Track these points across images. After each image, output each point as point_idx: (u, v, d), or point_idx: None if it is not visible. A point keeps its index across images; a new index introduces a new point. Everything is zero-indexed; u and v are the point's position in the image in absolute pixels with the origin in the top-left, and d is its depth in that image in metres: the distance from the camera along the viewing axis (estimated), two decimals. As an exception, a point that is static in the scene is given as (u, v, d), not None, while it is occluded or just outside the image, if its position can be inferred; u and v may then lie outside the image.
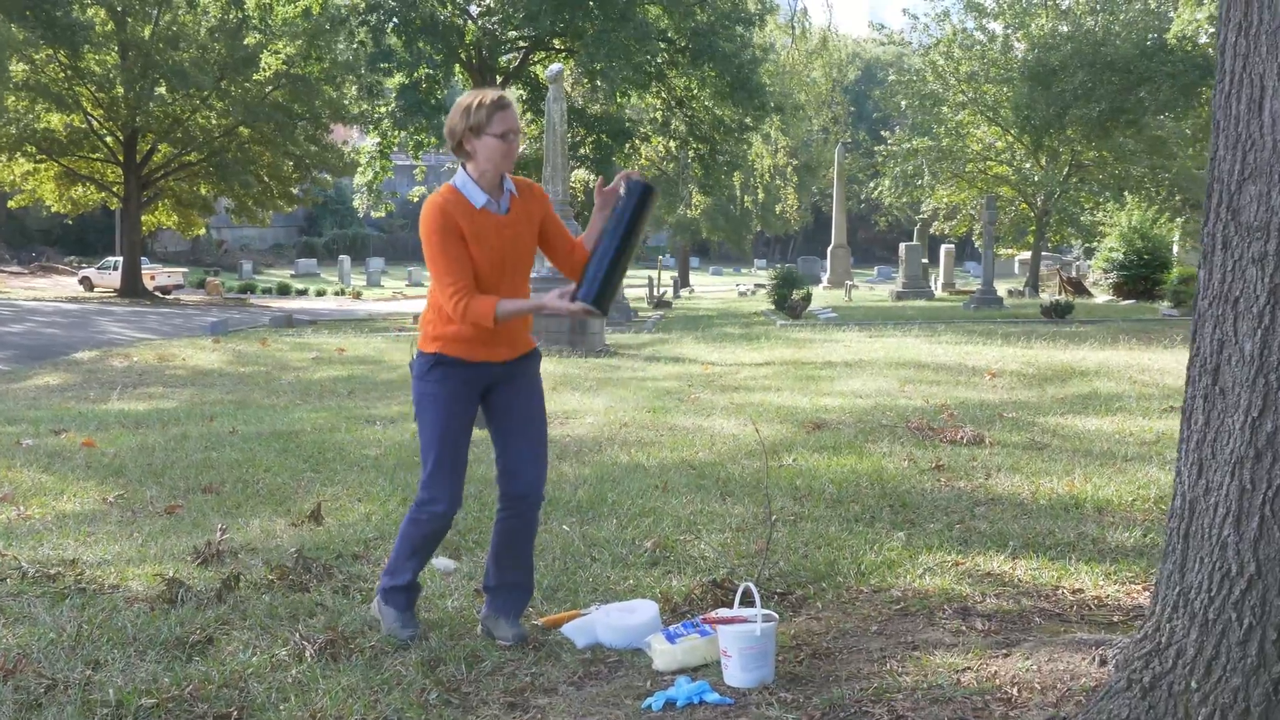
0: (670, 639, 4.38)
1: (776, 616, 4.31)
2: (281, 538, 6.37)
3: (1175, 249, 32.47)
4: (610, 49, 26.72)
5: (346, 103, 38.38)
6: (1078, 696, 3.81)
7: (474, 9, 30.27)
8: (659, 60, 29.39)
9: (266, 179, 41.93)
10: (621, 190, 4.43)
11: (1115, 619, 4.80)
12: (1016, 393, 11.80)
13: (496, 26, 29.09)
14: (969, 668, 4.15)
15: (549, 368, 14.89)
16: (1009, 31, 38.17)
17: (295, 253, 70.64)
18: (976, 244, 51.25)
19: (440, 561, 5.75)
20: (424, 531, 4.59)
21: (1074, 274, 43.34)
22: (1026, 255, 46.96)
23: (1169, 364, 14.19)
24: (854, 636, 4.60)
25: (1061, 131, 28.61)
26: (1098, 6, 35.51)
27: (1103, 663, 3.96)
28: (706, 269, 78.56)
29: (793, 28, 42.27)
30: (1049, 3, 37.13)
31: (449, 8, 28.77)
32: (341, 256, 60.30)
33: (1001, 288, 31.58)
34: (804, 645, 4.49)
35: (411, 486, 7.57)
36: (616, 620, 4.61)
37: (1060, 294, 35.51)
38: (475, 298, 4.30)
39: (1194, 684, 3.40)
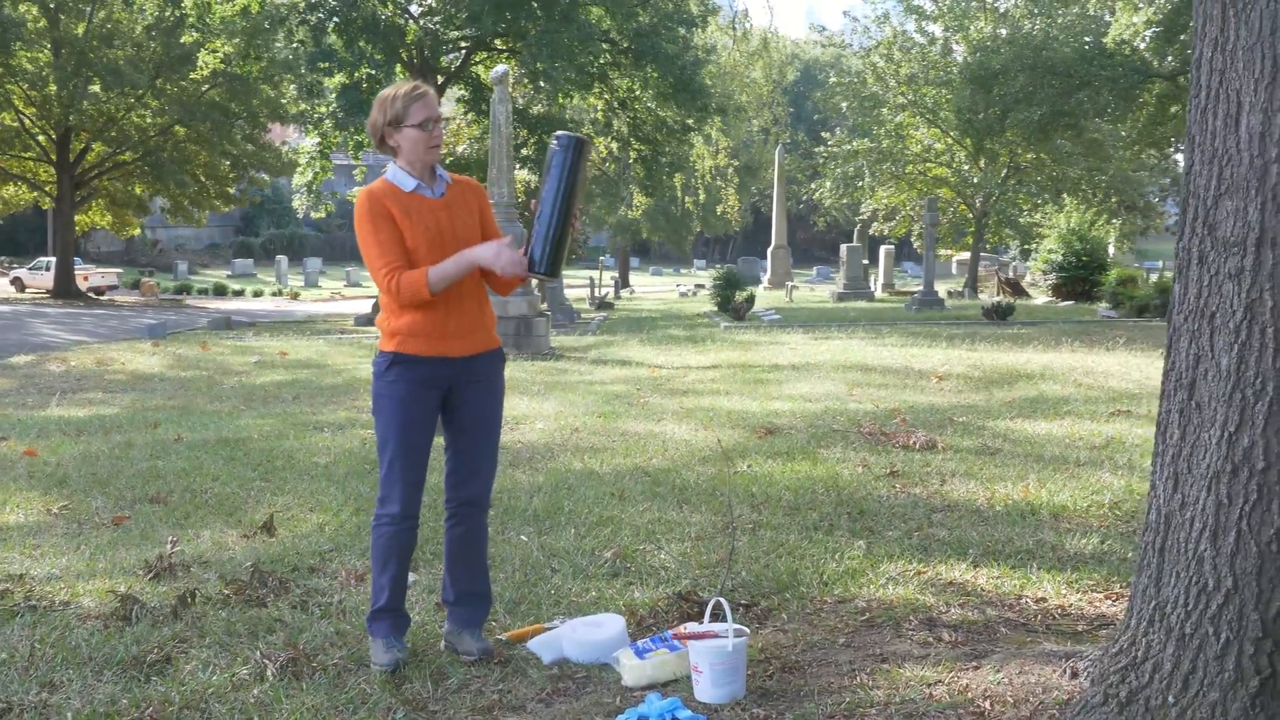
0: (639, 654, 4.34)
1: (748, 631, 4.28)
2: (234, 550, 6.26)
3: (1111, 250, 32.83)
4: (553, 50, 26.62)
5: (285, 102, 38.00)
6: (1051, 710, 3.80)
7: (415, 9, 30.05)
8: (601, 61, 29.31)
9: (203, 178, 41.45)
10: (552, 146, 4.30)
11: (1080, 628, 4.81)
12: (964, 396, 11.86)
13: (438, 26, 28.87)
14: (940, 681, 4.14)
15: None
16: (948, 34, 38.45)
17: (231, 253, 69.92)
18: (915, 245, 51.69)
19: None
20: (386, 537, 4.50)
21: (1011, 275, 43.76)
22: (964, 256, 47.42)
23: (1112, 366, 14.32)
24: (822, 649, 4.57)
25: (1003, 134, 28.84)
26: (1036, 10, 35.84)
27: (1074, 675, 3.96)
28: (646, 269, 78.60)
29: (734, 29, 42.37)
30: (987, 6, 37.43)
31: (390, 7, 28.55)
32: (279, 257, 59.75)
33: (941, 289, 31.80)
34: (773, 659, 4.46)
35: (364, 496, 7.49)
36: (583, 635, 4.56)
37: (998, 295, 35.85)
38: (406, 271, 4.26)
39: (1171, 699, 3.40)
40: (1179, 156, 46.89)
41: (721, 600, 4.28)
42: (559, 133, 4.33)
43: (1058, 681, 3.97)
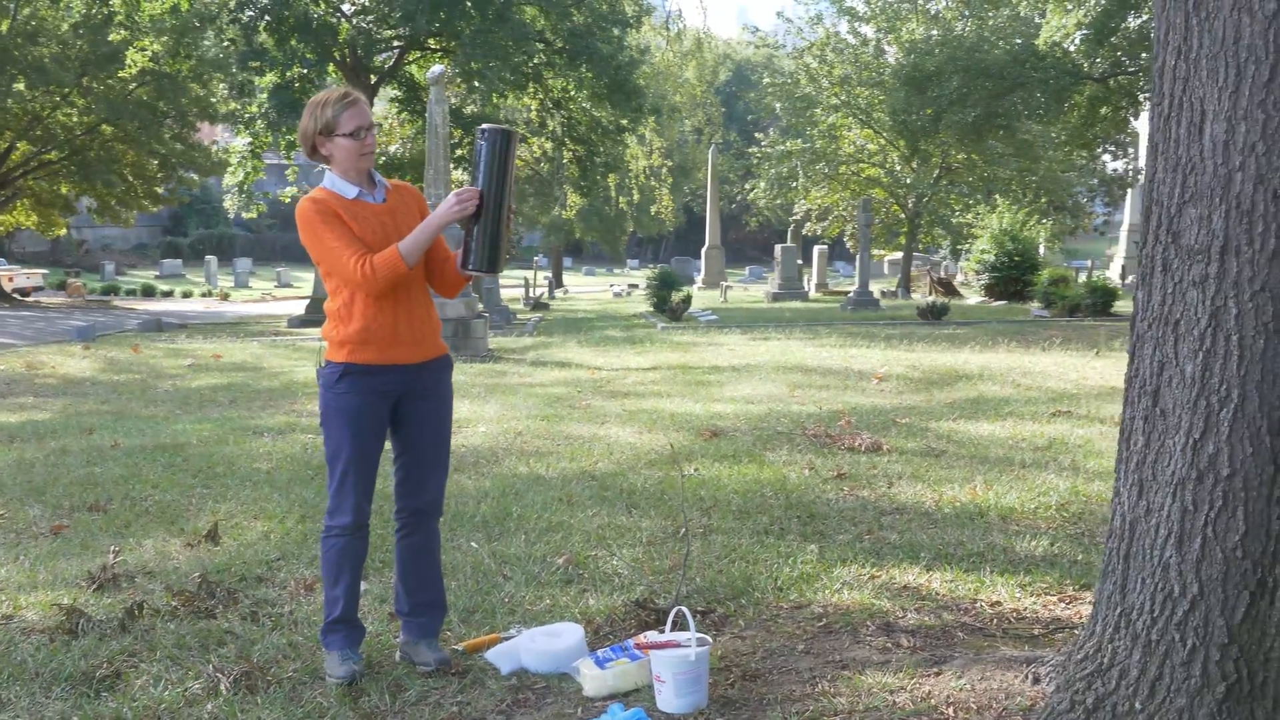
0: (600, 664, 4.30)
1: (710, 640, 4.25)
2: (178, 559, 6.15)
3: (1041, 250, 33.18)
4: (488, 49, 26.48)
5: (215, 101, 37.53)
6: (1015, 716, 3.81)
7: (348, 8, 29.76)
8: (536, 61, 29.20)
9: (130, 178, 40.84)
10: (478, 142, 4.23)
11: (1036, 632, 4.83)
12: (905, 397, 11.92)
13: (371, 25, 28.62)
14: (902, 688, 4.13)
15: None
16: (880, 36, 38.71)
17: (159, 253, 68.86)
18: (849, 245, 51.97)
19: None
20: (338, 549, 4.44)
21: (943, 274, 44.11)
22: (896, 256, 47.74)
23: (1048, 367, 14.45)
24: (782, 656, 4.56)
25: (937, 136, 29.10)
26: (967, 13, 36.19)
27: (1036, 680, 3.97)
28: (580, 269, 78.41)
29: (667, 29, 42.42)
30: (919, 8, 37.73)
31: (322, 6, 28.25)
32: (208, 257, 58.94)
33: (874, 288, 31.98)
34: (733, 666, 4.44)
35: (308, 503, 7.39)
36: (541, 645, 4.51)
37: (930, 294, 36.14)
38: (375, 255, 4.20)
39: (1138, 705, 3.42)
40: (1107, 157, 47.59)
41: (684, 609, 4.25)
42: (483, 126, 4.27)
43: (1020, 687, 3.98)
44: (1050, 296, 25.27)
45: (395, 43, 30.15)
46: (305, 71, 28.13)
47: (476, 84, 27.08)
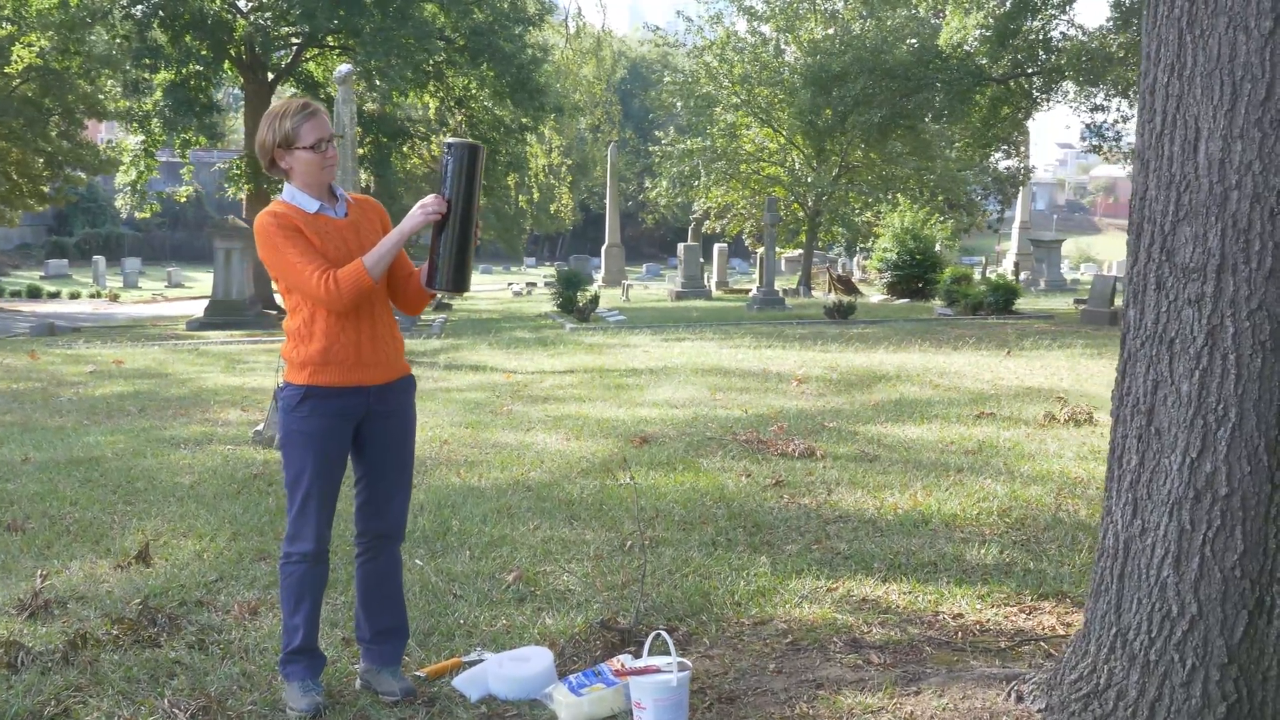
0: (574, 690, 4.19)
1: (690, 665, 4.17)
2: (110, 582, 5.92)
3: (938, 247, 33.51)
4: (389, 47, 26.13)
5: (103, 98, 36.59)
6: (1003, 736, 3.78)
7: (244, 4, 29.18)
8: (437, 59, 28.88)
9: (15, 176, 39.65)
10: (444, 156, 4.11)
11: (1003, 645, 4.82)
12: (828, 400, 11.94)
13: (269, 22, 28.10)
14: (883, 708, 4.08)
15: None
16: (779, 35, 38.91)
17: (44, 253, 67.10)
18: (747, 243, 52.23)
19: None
20: (298, 576, 4.27)
21: (840, 271, 44.52)
22: (792, 254, 48.00)
23: (962, 367, 14.60)
24: (754, 676, 4.49)
25: (843, 136, 29.34)
26: (865, 13, 36.51)
27: (1019, 698, 3.94)
28: (477, 268, 77.95)
29: (566, 27, 42.25)
30: (817, 7, 37.99)
31: (218, 2, 27.66)
32: (96, 257, 57.50)
33: (777, 286, 32.10)
34: (707, 689, 4.36)
35: (238, 519, 7.18)
36: (510, 670, 4.39)
37: (829, 291, 36.44)
38: (338, 269, 4.05)
39: (1137, 726, 3.39)
40: (998, 155, 48.30)
41: (664, 633, 4.16)
42: (449, 139, 4.17)
43: (1004, 706, 3.95)
44: (953, 294, 25.59)
45: (293, 40, 29.62)
46: (201, 69, 27.51)
47: (378, 82, 26.70)
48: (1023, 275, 38.60)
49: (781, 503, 7.37)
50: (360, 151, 28.45)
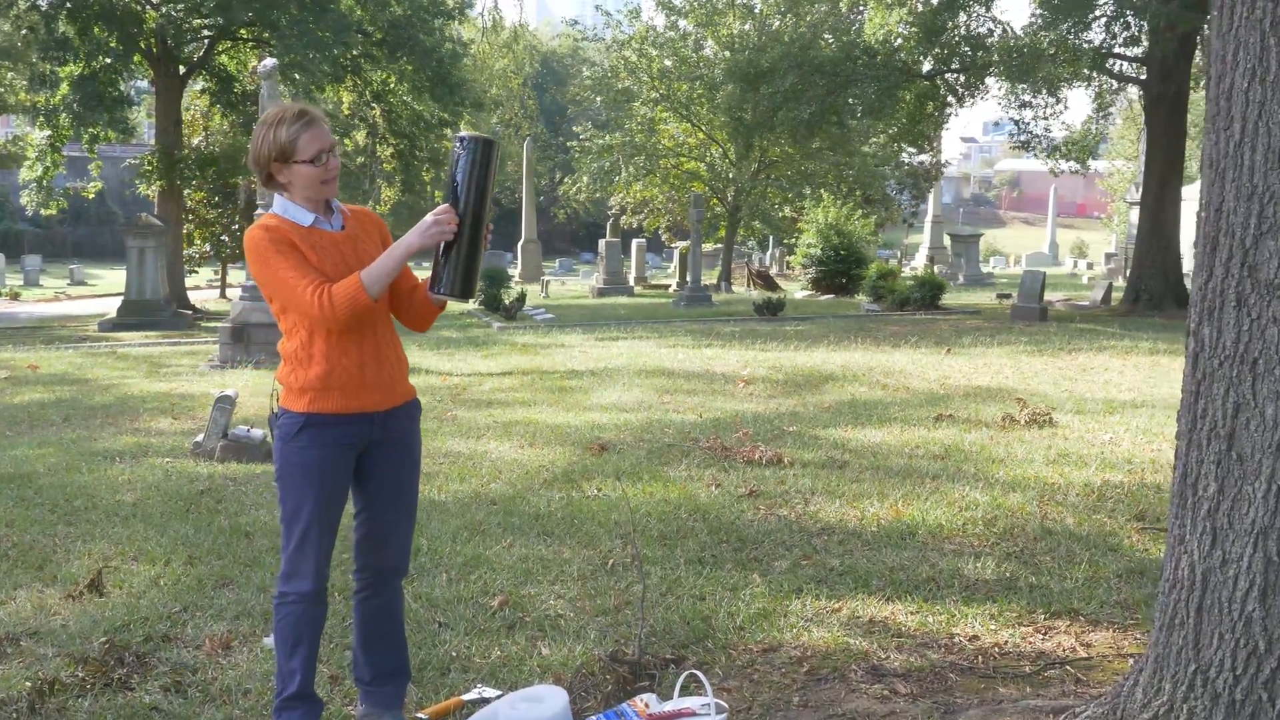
0: (597, 734, 3.93)
1: (727, 708, 3.92)
2: (63, 615, 5.54)
3: (865, 243, 33.55)
4: (306, 41, 25.53)
5: (2, 91, 35.47)
6: (1062, 777, 3.58)
7: (155, -5, 28.36)
8: (355, 53, 28.32)
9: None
10: (455, 150, 3.78)
11: (1027, 669, 4.64)
12: (778, 402, 11.75)
13: (181, 14, 27.33)
14: (925, 746, 3.87)
15: (269, 382, 13.95)
16: (698, 30, 38.76)
17: (-63, 251, 65.08)
18: (664, 238, 52.10)
19: (273, 639, 5.07)
20: (295, 617, 3.96)
21: (758, 266, 44.51)
22: (709, 249, 47.91)
23: (905, 365, 14.51)
24: (780, 711, 4.26)
25: (772, 132, 29.23)
26: (784, 8, 36.47)
27: (1072, 734, 3.75)
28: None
29: (482, 20, 41.72)
30: (736, 3, 37.86)
31: (127, -8, 26.86)
32: (-7, 255, 55.88)
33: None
34: (734, 727, 4.12)
35: (191, 540, 6.82)
36: (523, 712, 4.11)
37: (749, 286, 36.36)
38: (334, 285, 3.71)
39: (1223, 770, 3.20)
40: (913, 150, 48.59)
41: (698, 674, 3.91)
42: (461, 134, 3.82)
43: (1058, 743, 3.75)
44: (879, 290, 25.60)
45: (206, 33, 28.89)
46: (111, 62, 26.68)
47: (296, 76, 26.09)
48: (940, 269, 38.79)
49: (759, 514, 7.15)
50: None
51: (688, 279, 28.55)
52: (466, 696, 4.46)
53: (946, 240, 46.45)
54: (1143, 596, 5.48)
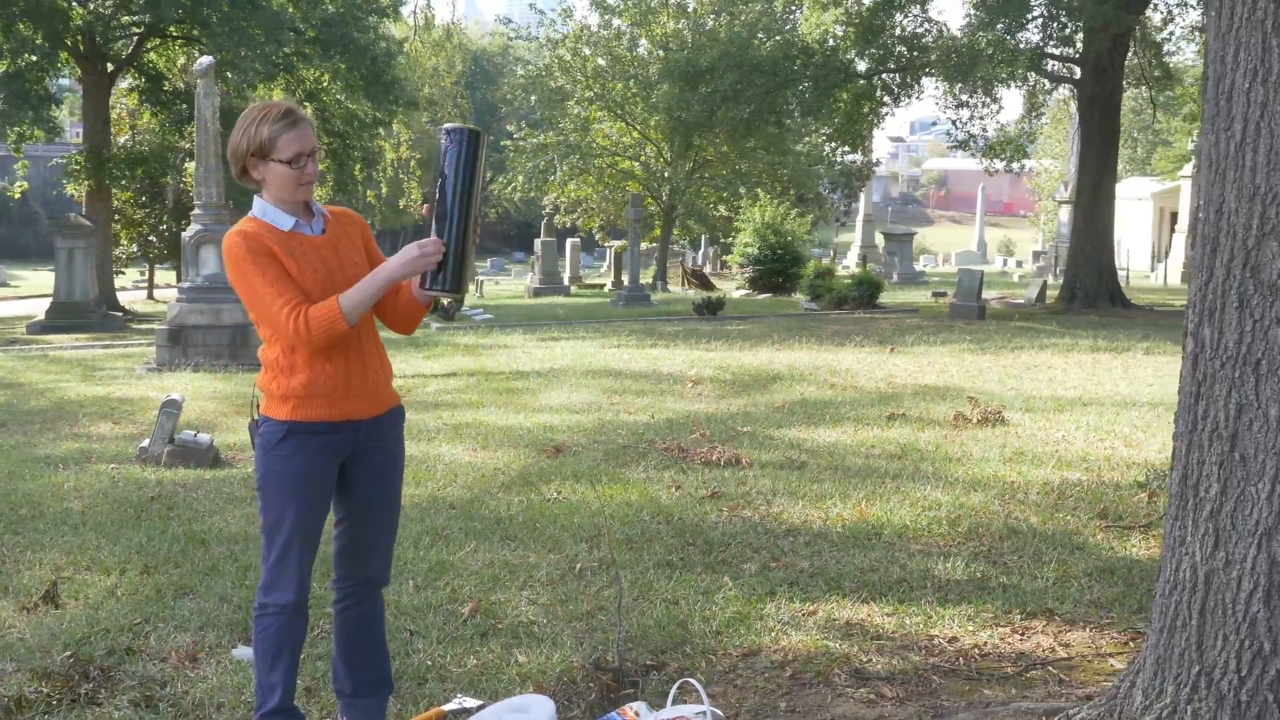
0: (589, 744, 3.87)
1: (723, 716, 3.87)
2: (19, 628, 5.37)
3: (802, 241, 33.68)
4: (238, 39, 25.15)
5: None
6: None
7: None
8: (287, 51, 27.93)
9: None
10: (442, 143, 3.66)
11: (1009, 670, 4.63)
12: (729, 402, 11.73)
13: (110, 11, 26.82)
14: (919, 750, 3.85)
15: (212, 386, 13.79)
16: (633, 29, 38.74)
17: None
18: (598, 238, 52.05)
19: (243, 651, 4.97)
20: (276, 628, 3.85)
21: (693, 265, 44.56)
22: (643, 248, 47.94)
23: (851, 364, 14.55)
24: (769, 717, 4.22)
25: (711, 131, 29.22)
26: (717, 8, 36.54)
27: (1067, 736, 3.74)
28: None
29: (414, 18, 41.46)
30: (670, 3, 37.89)
31: (53, -13, 26.28)
32: (-89, 255, 54.76)
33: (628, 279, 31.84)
34: (723, 734, 4.07)
35: (146, 549, 6.65)
36: (510, 723, 4.05)
37: (684, 285, 36.43)
38: (311, 306, 3.61)
39: (1228, 771, 3.20)
40: (845, 149, 48.91)
41: (694, 681, 3.85)
42: (448, 126, 3.71)
43: (1054, 746, 3.74)
44: (817, 289, 25.68)
45: (135, 30, 28.37)
46: (36, 59, 26.13)
47: (229, 74, 25.70)
48: (874, 268, 39.05)
49: (723, 516, 7.11)
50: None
51: (624, 279, 28.49)
52: (447, 707, 4.38)
53: (878, 239, 46.81)
54: (1115, 595, 5.50)
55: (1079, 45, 23.98)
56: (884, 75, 25.20)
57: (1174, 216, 42.68)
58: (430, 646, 5.01)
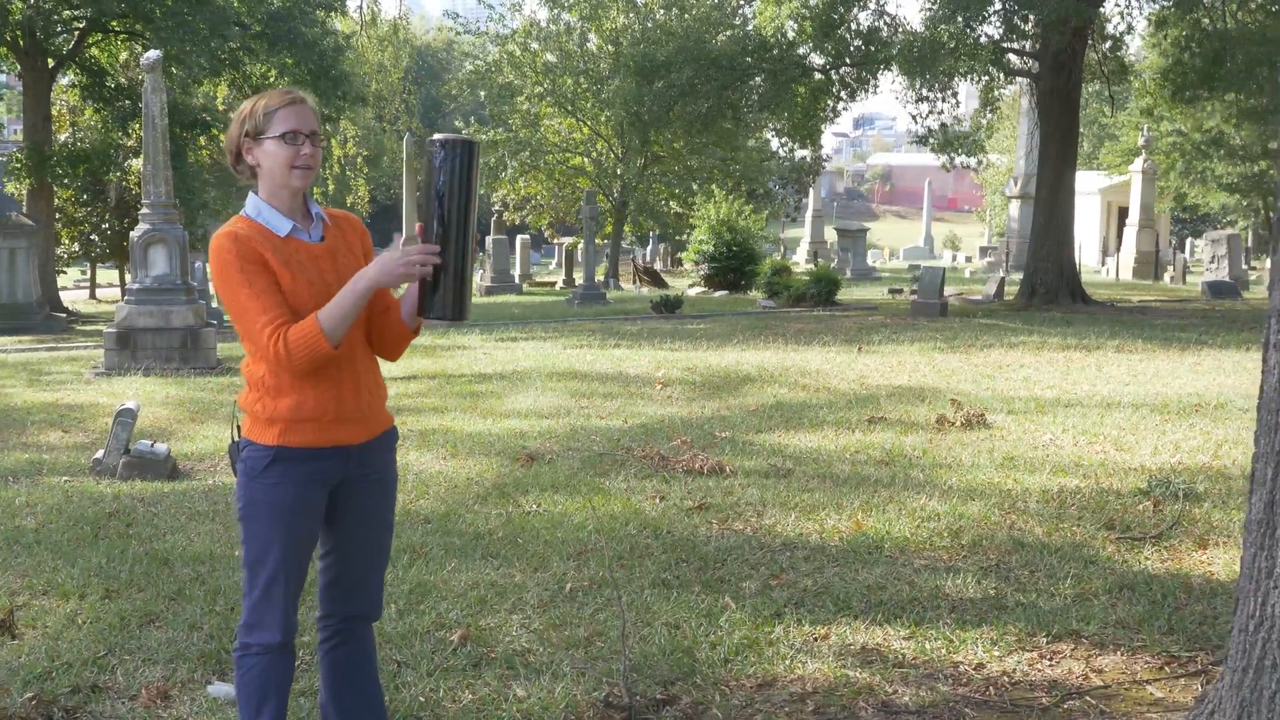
0: (610, 796, 3.54)
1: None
2: (-27, 662, 4.98)
3: (757, 239, 33.46)
4: (183, 33, 24.57)
5: None
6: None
7: (22, -15, 27.05)
8: (233, 46, 27.33)
9: None
10: (435, 158, 3.27)
11: (1044, 701, 4.37)
12: (700, 405, 11.43)
13: (50, 5, 26.13)
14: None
15: (165, 391, 13.32)
16: (583, 24, 38.37)
17: None
18: (547, 235, 51.63)
19: (219, 688, 4.60)
20: (260, 670, 3.50)
21: (643, 262, 44.28)
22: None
23: (820, 365, 14.30)
24: (797, 759, 3.91)
25: (669, 127, 28.89)
26: (668, 3, 36.26)
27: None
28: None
29: (361, 12, 40.90)
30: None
31: (-9, -18, 25.58)
32: None
33: (578, 277, 31.50)
34: (751, 780, 3.76)
35: (105, 571, 6.26)
36: (520, 771, 3.72)
37: (636, 282, 36.11)
38: (292, 326, 3.27)
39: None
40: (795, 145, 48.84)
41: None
42: (438, 136, 3.35)
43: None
44: (774, 286, 25.44)
45: (76, 25, 27.68)
46: (-24, 56, 25.45)
47: (174, 70, 25.10)
48: (824, 263, 38.97)
49: (714, 530, 6.81)
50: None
51: (576, 276, 28.08)
52: (447, 751, 4.04)
53: (829, 234, 46.71)
54: (1140, 615, 5.24)
55: (1038, 39, 23.87)
56: (841, 70, 24.98)
57: (1123, 211, 42.75)
58: (420, 680, 4.67)
